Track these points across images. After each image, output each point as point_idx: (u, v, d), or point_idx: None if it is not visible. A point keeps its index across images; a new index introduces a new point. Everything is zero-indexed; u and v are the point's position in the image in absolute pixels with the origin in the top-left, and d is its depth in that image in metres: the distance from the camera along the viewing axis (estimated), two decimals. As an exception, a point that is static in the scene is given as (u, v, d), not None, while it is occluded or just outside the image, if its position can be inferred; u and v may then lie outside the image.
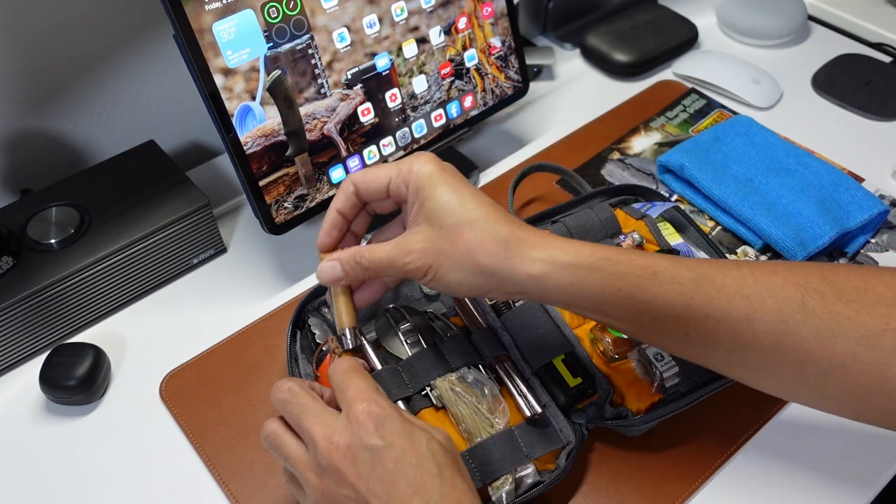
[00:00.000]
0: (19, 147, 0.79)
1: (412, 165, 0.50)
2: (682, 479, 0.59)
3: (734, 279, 0.47)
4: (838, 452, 0.61)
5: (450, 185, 0.49)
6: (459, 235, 0.48)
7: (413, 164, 0.50)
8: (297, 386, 0.48)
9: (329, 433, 0.45)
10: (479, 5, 0.77)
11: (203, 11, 0.61)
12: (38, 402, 0.66)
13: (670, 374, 0.59)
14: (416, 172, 0.50)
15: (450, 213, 0.48)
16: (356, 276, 0.52)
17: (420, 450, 0.44)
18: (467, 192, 0.49)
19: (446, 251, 0.48)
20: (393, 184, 0.51)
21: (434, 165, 0.50)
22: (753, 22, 1.01)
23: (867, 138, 0.89)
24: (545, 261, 0.47)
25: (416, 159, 0.50)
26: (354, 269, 0.51)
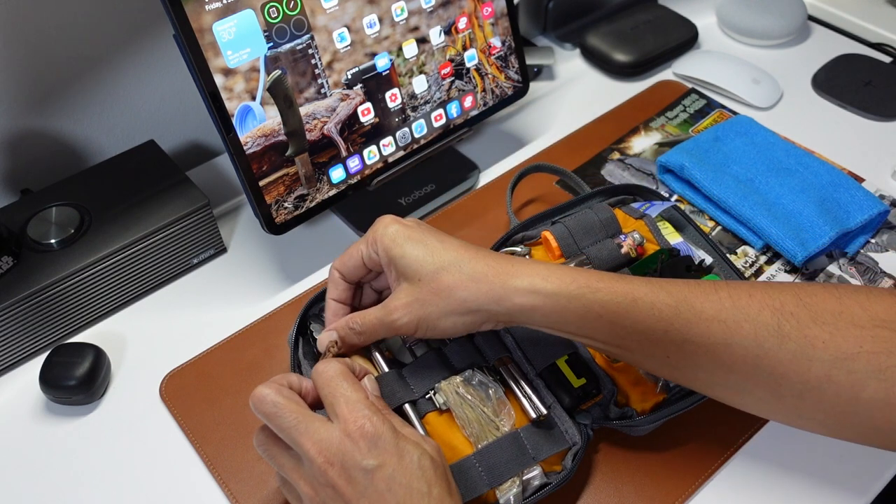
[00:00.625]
0: (19, 147, 0.79)
1: (375, 232, 0.53)
2: (686, 478, 0.59)
3: (712, 304, 0.48)
4: (839, 452, 0.61)
5: (415, 240, 0.51)
6: (438, 282, 0.50)
7: (376, 230, 0.53)
8: (280, 398, 0.47)
9: (323, 450, 0.45)
10: (479, 5, 0.77)
11: (203, 11, 0.61)
12: (38, 402, 0.66)
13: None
14: (380, 237, 0.52)
15: (423, 265, 0.50)
16: (352, 342, 0.54)
17: (411, 468, 0.45)
18: (434, 241, 0.51)
19: (430, 301, 0.50)
20: (366, 255, 0.54)
21: (396, 225, 0.52)
22: (753, 22, 1.01)
23: (867, 138, 0.89)
24: (526, 290, 0.49)
25: (378, 224, 0.53)
26: (349, 335, 0.54)
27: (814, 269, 0.74)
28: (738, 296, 0.48)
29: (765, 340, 0.46)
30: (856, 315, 0.45)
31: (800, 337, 0.46)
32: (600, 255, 0.66)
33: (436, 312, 0.50)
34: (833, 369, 0.45)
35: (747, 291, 0.48)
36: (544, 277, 0.49)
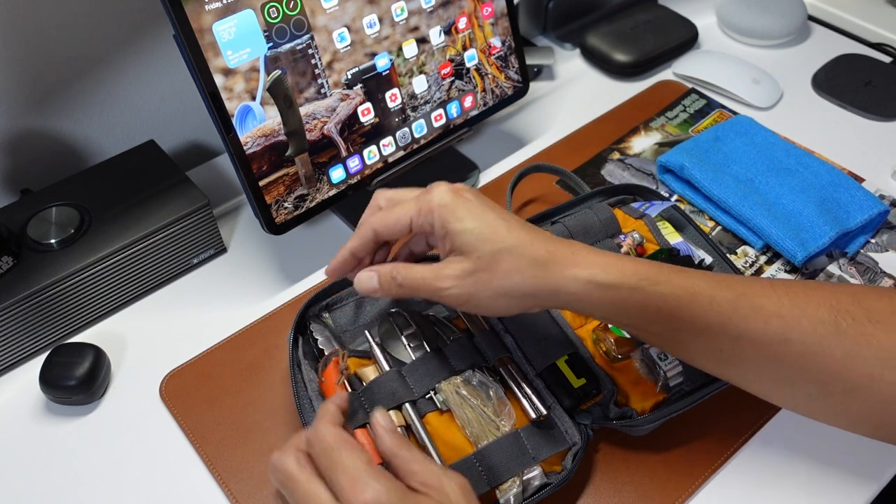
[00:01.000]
0: (19, 147, 0.79)
1: (431, 200, 0.50)
2: (686, 478, 0.59)
3: (770, 300, 0.48)
4: (839, 452, 0.61)
5: (475, 214, 0.49)
6: (497, 264, 0.48)
7: (432, 198, 0.50)
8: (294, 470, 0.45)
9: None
10: (479, 5, 0.77)
11: (203, 11, 0.61)
12: (38, 402, 0.66)
13: (674, 373, 0.59)
14: (437, 206, 0.50)
15: (483, 242, 0.48)
16: (390, 291, 0.52)
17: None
18: (494, 216, 0.49)
19: (485, 280, 0.48)
20: (416, 223, 0.51)
21: (453, 195, 0.50)
22: (753, 22, 1.01)
23: (867, 138, 0.89)
24: (586, 280, 0.48)
25: (434, 192, 0.50)
26: (390, 283, 0.52)
27: (814, 269, 0.74)
28: (796, 293, 0.48)
29: (822, 337, 0.46)
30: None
31: (856, 334, 0.46)
32: (600, 255, 0.66)
33: (489, 292, 0.49)
34: (884, 368, 0.45)
35: (804, 290, 0.49)
36: (604, 268, 0.48)
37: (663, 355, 0.59)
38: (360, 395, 0.57)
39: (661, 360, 0.59)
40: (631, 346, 0.61)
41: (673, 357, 0.59)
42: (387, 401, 0.57)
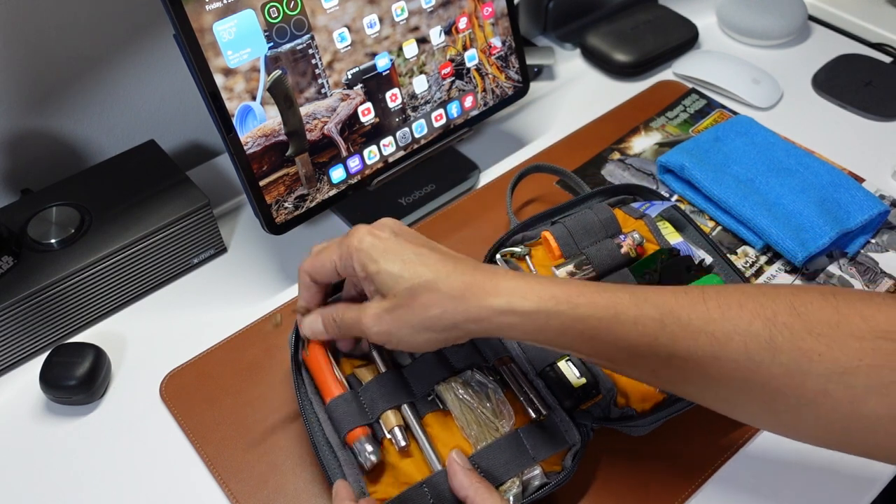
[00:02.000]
0: (19, 147, 0.79)
1: (350, 246, 0.51)
2: (686, 478, 0.59)
3: (699, 314, 0.45)
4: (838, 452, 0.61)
5: (391, 253, 0.50)
6: (414, 299, 0.49)
7: (351, 243, 0.51)
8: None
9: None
10: (479, 5, 0.77)
11: (203, 11, 0.61)
12: (38, 402, 0.66)
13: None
14: (355, 251, 0.51)
15: (398, 281, 0.49)
16: (334, 333, 0.55)
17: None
18: (411, 254, 0.50)
19: (403, 317, 0.49)
20: (339, 266, 0.53)
21: (371, 237, 0.51)
22: (753, 22, 1.01)
23: (867, 138, 0.89)
24: (503, 309, 0.47)
25: (353, 237, 0.52)
26: (331, 325, 0.55)
27: (814, 270, 0.74)
28: (728, 305, 0.45)
29: (756, 353, 0.43)
30: (855, 326, 0.42)
31: (793, 349, 0.43)
32: (600, 255, 0.66)
33: (408, 328, 0.49)
34: (830, 384, 0.42)
35: (738, 300, 0.45)
36: (523, 295, 0.47)
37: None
38: (359, 395, 0.57)
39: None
40: (631, 347, 0.61)
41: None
42: (387, 400, 0.57)
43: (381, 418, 0.57)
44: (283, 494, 0.59)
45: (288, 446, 0.62)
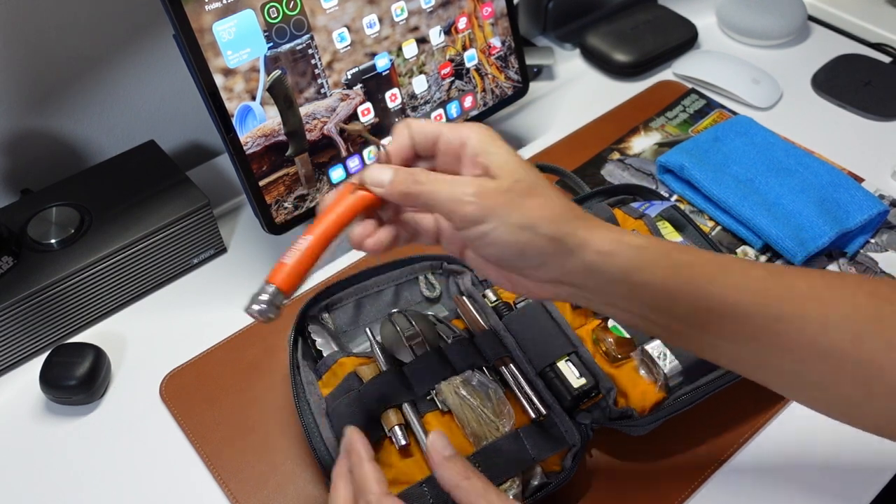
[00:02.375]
0: (19, 147, 0.79)
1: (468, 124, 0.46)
2: (686, 478, 0.59)
3: (805, 281, 0.43)
4: (839, 452, 0.61)
5: (510, 150, 0.45)
6: (532, 193, 0.43)
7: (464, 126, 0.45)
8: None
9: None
10: (479, 5, 0.77)
11: (203, 11, 0.61)
12: (38, 402, 0.66)
13: (674, 373, 0.59)
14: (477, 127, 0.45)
15: (515, 172, 0.43)
16: (400, 192, 0.44)
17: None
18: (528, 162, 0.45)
19: (509, 206, 0.42)
20: (444, 138, 0.45)
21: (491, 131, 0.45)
22: (753, 22, 1.01)
23: (867, 138, 0.89)
24: (614, 240, 0.43)
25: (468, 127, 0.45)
26: (405, 179, 0.44)
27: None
28: (831, 277, 0.43)
29: (863, 326, 0.41)
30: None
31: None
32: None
33: (508, 221, 0.42)
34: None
35: (839, 276, 0.44)
36: (630, 234, 0.44)
37: (663, 355, 0.59)
38: (360, 394, 0.58)
39: (661, 360, 0.59)
40: (630, 346, 0.61)
41: (672, 356, 0.59)
42: (386, 400, 0.57)
43: (381, 417, 0.57)
44: (283, 494, 0.59)
45: (288, 446, 0.62)
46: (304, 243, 0.44)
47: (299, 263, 0.44)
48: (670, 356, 0.59)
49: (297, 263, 0.44)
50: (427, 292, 0.69)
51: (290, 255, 0.44)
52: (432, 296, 0.69)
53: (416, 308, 0.68)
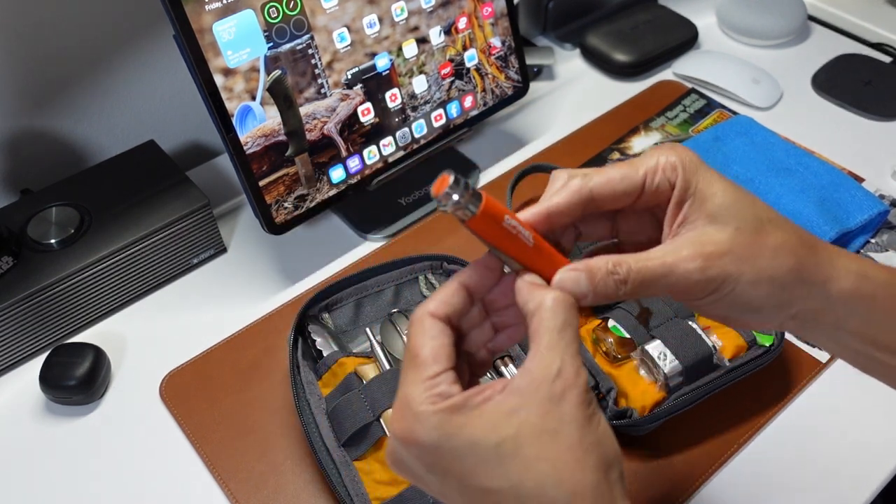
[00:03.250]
0: (19, 147, 0.79)
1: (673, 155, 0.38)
2: (686, 477, 0.59)
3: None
4: (840, 452, 0.61)
5: (724, 181, 0.38)
6: (764, 236, 0.37)
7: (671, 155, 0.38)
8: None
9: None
10: (479, 5, 0.77)
11: (203, 11, 0.61)
12: (38, 402, 0.66)
13: (674, 373, 0.59)
14: (685, 162, 0.38)
15: (743, 211, 0.37)
16: (605, 294, 0.37)
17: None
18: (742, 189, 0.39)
19: (749, 256, 0.37)
20: (651, 182, 0.38)
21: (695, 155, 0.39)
22: (753, 22, 1.01)
23: (867, 138, 0.89)
24: (858, 274, 0.38)
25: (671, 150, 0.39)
26: (605, 283, 0.37)
27: (814, 269, 0.74)
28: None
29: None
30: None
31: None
32: (600, 255, 0.66)
33: (749, 275, 0.36)
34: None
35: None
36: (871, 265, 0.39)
37: (663, 355, 0.59)
38: (360, 394, 0.58)
39: (661, 360, 0.59)
40: (631, 346, 0.61)
41: (672, 356, 0.59)
42: (387, 399, 0.57)
43: (381, 417, 0.57)
44: (283, 494, 0.59)
45: (288, 446, 0.62)
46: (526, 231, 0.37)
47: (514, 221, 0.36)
48: (670, 356, 0.59)
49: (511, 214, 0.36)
50: (427, 292, 0.69)
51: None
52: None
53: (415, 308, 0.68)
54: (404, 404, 0.35)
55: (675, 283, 0.37)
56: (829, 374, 0.66)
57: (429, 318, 0.36)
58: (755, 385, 0.63)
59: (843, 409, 0.63)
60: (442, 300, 0.37)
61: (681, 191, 0.38)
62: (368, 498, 0.55)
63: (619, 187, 0.38)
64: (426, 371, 0.35)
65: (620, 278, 0.37)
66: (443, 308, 0.37)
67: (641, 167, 0.38)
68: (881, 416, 0.63)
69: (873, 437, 0.62)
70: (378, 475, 0.56)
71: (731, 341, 0.62)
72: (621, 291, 0.37)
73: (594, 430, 0.34)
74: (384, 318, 0.65)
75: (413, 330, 0.36)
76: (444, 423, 0.33)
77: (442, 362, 0.35)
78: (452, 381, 0.35)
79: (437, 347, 0.36)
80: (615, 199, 0.39)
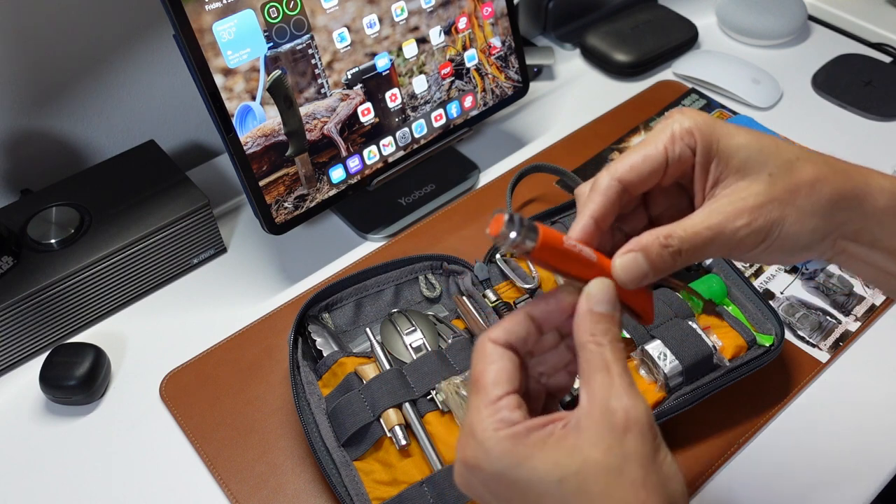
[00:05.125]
0: (19, 147, 0.79)
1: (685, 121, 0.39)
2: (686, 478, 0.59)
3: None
4: (840, 452, 0.61)
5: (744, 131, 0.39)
6: (797, 174, 0.38)
7: (685, 118, 0.39)
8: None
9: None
10: (479, 5, 0.77)
11: (203, 11, 0.61)
12: (38, 402, 0.66)
13: (674, 373, 0.59)
14: (699, 124, 0.39)
15: (770, 154, 0.38)
16: (664, 268, 0.37)
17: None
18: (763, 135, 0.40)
19: (789, 198, 0.37)
20: (672, 153, 0.39)
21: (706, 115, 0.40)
22: (753, 22, 1.01)
23: (867, 138, 0.89)
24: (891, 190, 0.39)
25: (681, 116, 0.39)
26: (662, 257, 0.37)
27: (813, 269, 0.74)
28: None
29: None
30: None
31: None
32: (600, 255, 0.66)
33: (794, 214, 0.37)
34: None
35: None
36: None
37: (663, 355, 0.59)
38: (360, 394, 0.58)
39: (661, 360, 0.59)
40: (631, 346, 0.61)
41: (672, 357, 0.59)
42: (387, 399, 0.57)
43: (381, 417, 0.57)
44: (283, 494, 0.59)
45: (288, 446, 0.62)
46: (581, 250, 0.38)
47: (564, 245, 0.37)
48: (670, 356, 0.59)
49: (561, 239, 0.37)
50: (427, 292, 0.69)
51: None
52: (432, 296, 0.69)
53: (416, 308, 0.68)
54: (469, 430, 0.35)
55: (726, 242, 0.37)
56: (829, 374, 0.66)
57: (489, 344, 0.37)
58: (755, 385, 0.63)
59: (843, 409, 0.64)
60: (504, 328, 0.37)
61: (704, 153, 0.38)
62: (368, 498, 0.55)
63: (644, 168, 0.39)
64: (487, 395, 0.35)
65: (675, 249, 0.37)
66: (504, 335, 0.37)
67: (660, 142, 0.39)
68: (881, 417, 0.63)
69: (873, 438, 0.62)
70: (378, 475, 0.56)
71: (731, 341, 0.62)
72: (678, 262, 0.37)
73: (658, 469, 0.33)
74: (384, 318, 0.65)
75: (475, 357, 0.37)
76: (507, 454, 0.33)
77: (503, 385, 0.35)
78: (515, 405, 0.35)
79: (497, 371, 0.36)
80: (643, 181, 0.39)
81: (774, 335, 0.62)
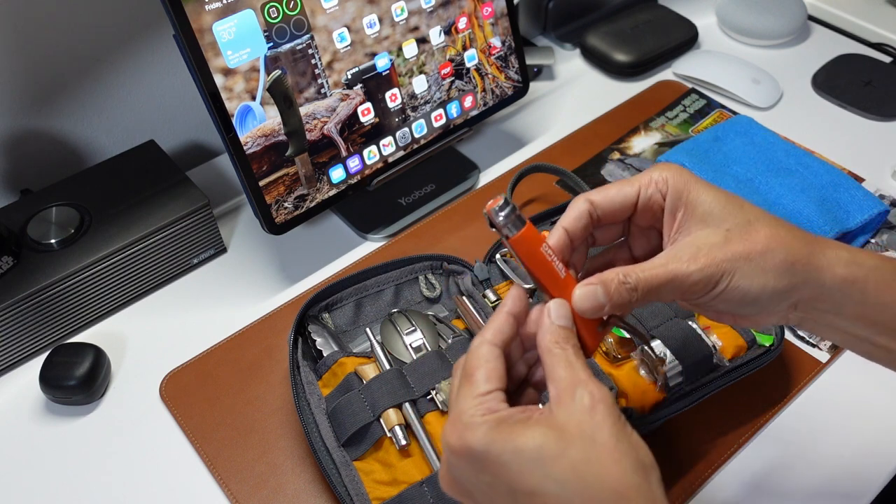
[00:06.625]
0: (19, 147, 0.79)
1: (663, 171, 0.44)
2: (687, 477, 0.59)
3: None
4: (840, 452, 0.61)
5: (713, 189, 0.43)
6: (755, 233, 0.41)
7: (663, 171, 0.44)
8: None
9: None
10: (479, 5, 0.77)
11: (203, 11, 0.61)
12: (38, 402, 0.66)
13: (674, 372, 0.59)
14: (673, 176, 0.43)
15: (732, 213, 0.42)
16: (621, 302, 0.41)
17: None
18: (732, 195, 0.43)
19: (741, 253, 0.41)
20: (644, 194, 0.44)
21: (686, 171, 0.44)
22: (753, 22, 1.01)
23: (867, 138, 0.89)
24: (850, 261, 0.42)
25: (664, 167, 0.44)
26: (619, 292, 0.41)
27: (814, 269, 0.74)
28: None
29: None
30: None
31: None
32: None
33: (745, 269, 0.41)
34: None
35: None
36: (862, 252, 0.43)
37: (663, 355, 0.59)
38: (360, 394, 0.58)
39: (661, 360, 0.59)
40: (631, 346, 0.61)
41: (672, 357, 0.59)
42: (387, 399, 0.57)
43: (381, 417, 0.57)
44: (283, 494, 0.59)
45: (288, 446, 0.62)
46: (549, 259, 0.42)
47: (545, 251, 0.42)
48: (670, 356, 0.59)
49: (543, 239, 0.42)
50: (427, 292, 0.69)
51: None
52: (432, 296, 0.69)
53: (416, 308, 0.68)
54: (457, 416, 0.38)
55: (679, 285, 0.41)
56: (829, 374, 0.66)
57: (486, 345, 0.40)
58: (755, 385, 0.63)
59: (843, 409, 0.64)
60: (497, 329, 0.41)
61: (673, 200, 0.43)
62: (368, 498, 0.55)
63: (617, 199, 0.44)
64: (478, 389, 0.39)
65: (631, 286, 0.41)
66: (499, 336, 0.41)
67: (636, 182, 0.44)
68: (881, 417, 0.63)
69: (873, 438, 0.62)
70: (378, 475, 0.56)
71: (731, 341, 0.62)
72: (633, 298, 0.41)
73: (628, 437, 0.37)
74: (384, 318, 0.65)
75: (470, 356, 0.41)
76: (492, 432, 0.37)
77: (493, 382, 0.39)
78: (501, 399, 0.39)
79: (489, 370, 0.39)
80: (615, 212, 0.44)
81: (774, 335, 0.62)
